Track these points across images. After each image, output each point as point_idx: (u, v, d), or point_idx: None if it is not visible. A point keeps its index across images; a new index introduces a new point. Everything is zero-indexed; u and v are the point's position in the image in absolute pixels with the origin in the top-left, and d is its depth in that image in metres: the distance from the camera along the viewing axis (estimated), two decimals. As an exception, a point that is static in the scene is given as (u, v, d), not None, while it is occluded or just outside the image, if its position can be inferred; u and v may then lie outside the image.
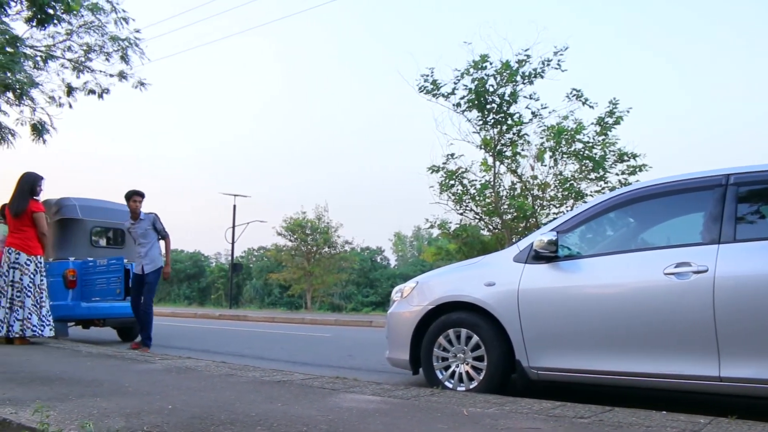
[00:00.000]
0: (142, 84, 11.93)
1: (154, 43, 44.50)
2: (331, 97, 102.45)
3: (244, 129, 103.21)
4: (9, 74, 9.68)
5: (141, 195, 8.41)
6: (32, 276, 7.48)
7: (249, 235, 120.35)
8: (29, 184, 7.59)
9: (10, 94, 10.52)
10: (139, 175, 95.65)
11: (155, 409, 3.49)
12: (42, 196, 7.97)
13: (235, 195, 37.46)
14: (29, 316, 7.39)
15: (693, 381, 3.88)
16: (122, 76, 11.78)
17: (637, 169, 17.28)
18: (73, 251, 9.33)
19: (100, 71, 11.76)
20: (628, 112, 17.35)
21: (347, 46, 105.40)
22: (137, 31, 11.52)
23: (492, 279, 4.69)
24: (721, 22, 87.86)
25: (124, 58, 11.54)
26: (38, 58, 11.12)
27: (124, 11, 10.99)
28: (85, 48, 11.47)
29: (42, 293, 7.57)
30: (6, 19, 9.69)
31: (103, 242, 10.30)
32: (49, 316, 7.65)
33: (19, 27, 10.45)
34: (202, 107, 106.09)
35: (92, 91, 11.86)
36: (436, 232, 22.10)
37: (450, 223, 19.36)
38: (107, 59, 11.64)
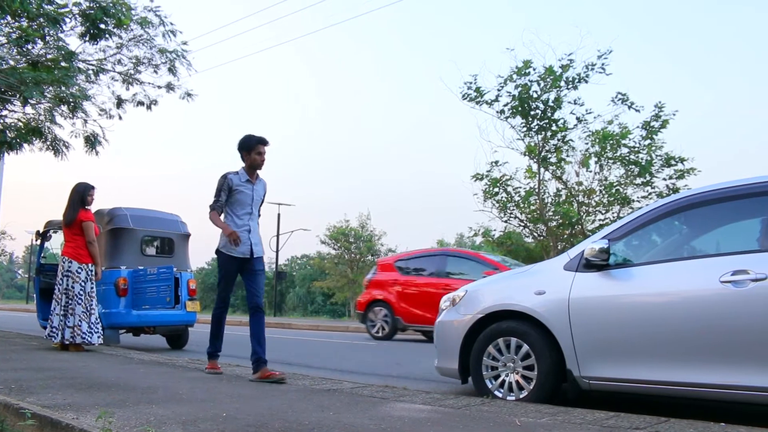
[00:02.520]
0: (189, 95, 12.15)
1: (199, 54, 45.33)
2: (372, 106, 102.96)
3: (286, 138, 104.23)
4: (64, 88, 9.96)
5: (268, 144, 5.77)
6: (83, 284, 7.65)
7: (293, 243, 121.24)
8: (79, 194, 7.79)
9: (64, 108, 10.81)
10: (184, 184, 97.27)
11: (210, 417, 3.54)
12: (95, 206, 8.17)
13: (279, 204, 37.84)
14: (79, 324, 7.56)
15: (753, 392, 3.78)
16: (170, 87, 12.01)
17: (685, 173, 16.97)
18: (125, 260, 9.52)
19: (149, 83, 12.01)
20: (674, 115, 17.08)
21: (386, 56, 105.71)
22: (184, 44, 11.73)
23: (542, 287, 4.65)
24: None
25: (172, 70, 11.75)
26: (90, 72, 11.40)
27: (172, 24, 11.20)
28: (134, 61, 11.71)
29: (91, 301, 7.74)
30: (61, 35, 9.97)
31: (152, 251, 10.49)
32: (98, 323, 7.82)
33: (72, 42, 10.72)
34: (246, 117, 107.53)
35: (141, 103, 12.10)
36: (479, 239, 21.96)
37: (494, 230, 19.27)
38: (155, 71, 11.87)
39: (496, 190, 17.94)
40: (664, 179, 17.24)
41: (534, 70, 16.97)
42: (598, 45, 40.03)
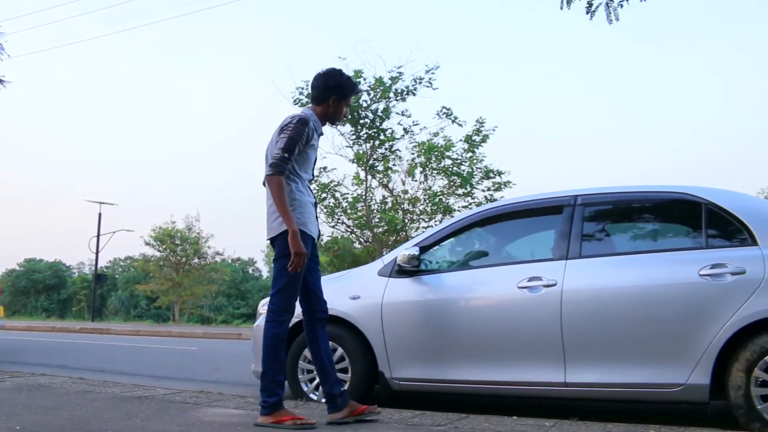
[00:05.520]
0: (1, 81, 11.26)
1: (14, 39, 41.73)
2: (199, 106, 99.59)
3: (109, 134, 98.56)
4: None
5: None
6: None
7: (115, 244, 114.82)
8: None
9: None
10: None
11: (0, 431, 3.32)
12: None
13: (100, 203, 35.84)
14: None
15: (542, 387, 4.15)
16: (-23, 72, 11.07)
17: (502, 186, 18.10)
18: None
19: (-49, 66, 11.01)
20: (494, 130, 18.15)
21: (215, 57, 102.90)
22: (-4, 25, 10.87)
23: (357, 292, 4.79)
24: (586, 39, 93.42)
25: (-20, 53, 10.85)
26: None
27: (-20, 4, 10.35)
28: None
29: None
30: None
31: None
32: None
33: None
34: (67, 110, 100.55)
35: (-59, 86, 11.07)
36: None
37: (322, 235, 19.48)
38: (-40, 53, 10.90)
39: (324, 195, 18.17)
40: (483, 191, 18.30)
41: (364, 80, 17.37)
42: (427, 59, 41.56)
